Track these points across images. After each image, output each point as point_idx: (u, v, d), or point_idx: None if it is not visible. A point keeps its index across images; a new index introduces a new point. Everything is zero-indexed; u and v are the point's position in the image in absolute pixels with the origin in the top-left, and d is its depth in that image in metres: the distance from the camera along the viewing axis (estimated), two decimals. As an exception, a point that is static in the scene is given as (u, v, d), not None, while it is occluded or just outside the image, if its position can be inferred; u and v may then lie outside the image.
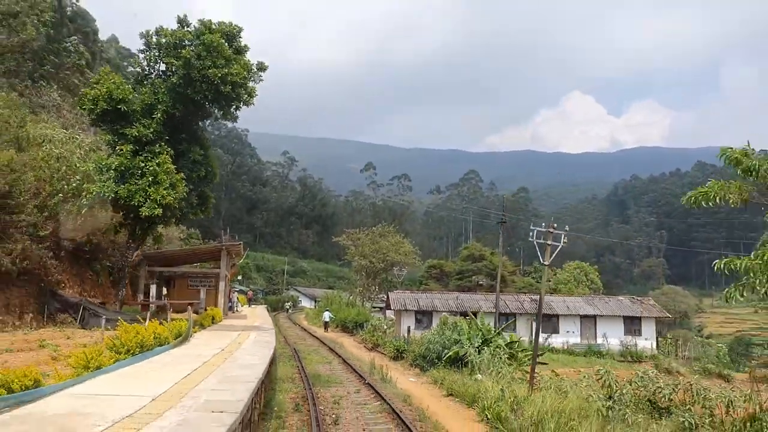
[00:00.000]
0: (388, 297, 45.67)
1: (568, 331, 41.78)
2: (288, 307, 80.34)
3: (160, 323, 16.64)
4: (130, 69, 26.15)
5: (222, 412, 7.57)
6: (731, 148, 12.97)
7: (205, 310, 25.24)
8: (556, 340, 40.30)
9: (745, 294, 10.70)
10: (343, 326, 45.70)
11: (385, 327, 39.09)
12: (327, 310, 49.31)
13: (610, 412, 14.41)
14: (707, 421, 14.19)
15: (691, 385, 16.14)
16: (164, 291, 31.88)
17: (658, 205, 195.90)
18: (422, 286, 57.47)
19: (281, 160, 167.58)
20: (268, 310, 52.73)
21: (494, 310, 38.75)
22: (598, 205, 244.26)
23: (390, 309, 45.98)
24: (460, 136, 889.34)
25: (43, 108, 30.61)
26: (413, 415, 15.25)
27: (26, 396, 7.61)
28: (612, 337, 41.20)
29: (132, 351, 12.68)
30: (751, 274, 10.41)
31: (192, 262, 36.05)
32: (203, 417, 7.29)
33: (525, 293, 47.31)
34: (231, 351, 15.76)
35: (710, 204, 12.35)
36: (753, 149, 12.60)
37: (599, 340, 41.25)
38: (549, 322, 40.98)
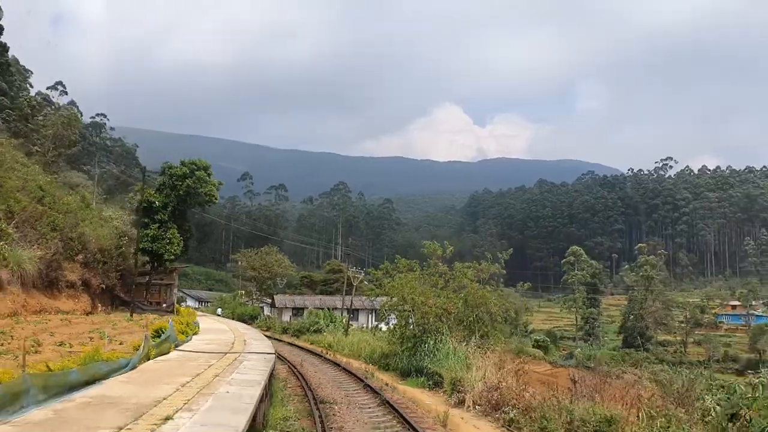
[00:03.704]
0: (272, 298, 68.30)
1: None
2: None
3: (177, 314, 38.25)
4: (158, 179, 46.73)
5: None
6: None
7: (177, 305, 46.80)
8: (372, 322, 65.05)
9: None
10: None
11: (274, 317, 61.90)
12: (219, 308, 70.86)
13: (372, 339, 38.54)
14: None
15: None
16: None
17: (502, 218, 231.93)
18: (297, 290, 79.91)
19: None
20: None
21: (345, 306, 62.52)
22: (456, 214, 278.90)
23: (273, 307, 68.67)
24: (335, 141, 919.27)
25: (76, 186, 49.18)
26: (298, 347, 38.47)
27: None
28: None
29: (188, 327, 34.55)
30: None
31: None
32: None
33: (367, 296, 71.63)
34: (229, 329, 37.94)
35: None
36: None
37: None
38: (372, 312, 65.60)
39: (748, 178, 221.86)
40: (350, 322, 51.27)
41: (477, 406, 17.84)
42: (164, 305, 45.48)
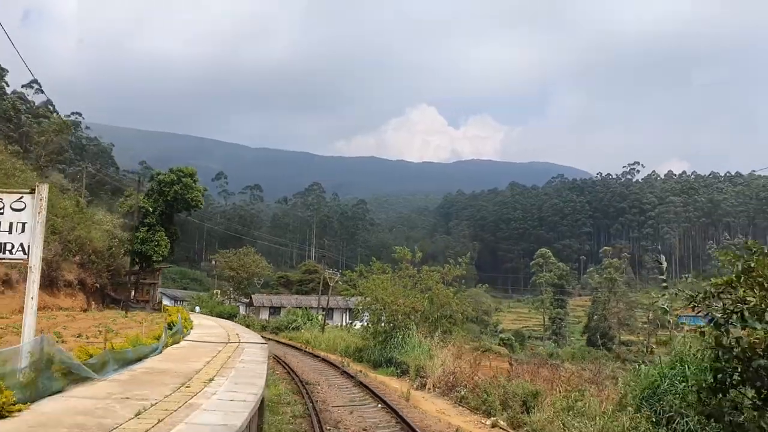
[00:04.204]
0: (250, 297, 71.51)
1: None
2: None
3: (165, 311, 41.35)
4: (148, 185, 49.73)
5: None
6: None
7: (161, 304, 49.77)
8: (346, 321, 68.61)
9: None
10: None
11: (252, 316, 65.11)
12: (197, 306, 73.88)
13: (347, 335, 42.16)
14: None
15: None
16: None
17: (475, 219, 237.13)
18: (274, 290, 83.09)
19: (138, 168, 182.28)
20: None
21: (321, 305, 65.97)
22: (429, 215, 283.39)
23: (250, 306, 71.89)
24: (308, 140, 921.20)
25: (66, 190, 51.74)
26: (279, 343, 41.87)
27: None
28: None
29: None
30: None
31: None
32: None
33: (342, 296, 75.08)
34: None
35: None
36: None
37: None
38: (346, 311, 69.15)
39: (712, 184, 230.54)
40: (326, 321, 54.83)
41: (436, 389, 21.57)
42: (151, 303, 48.47)
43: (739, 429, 7.62)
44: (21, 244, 9.19)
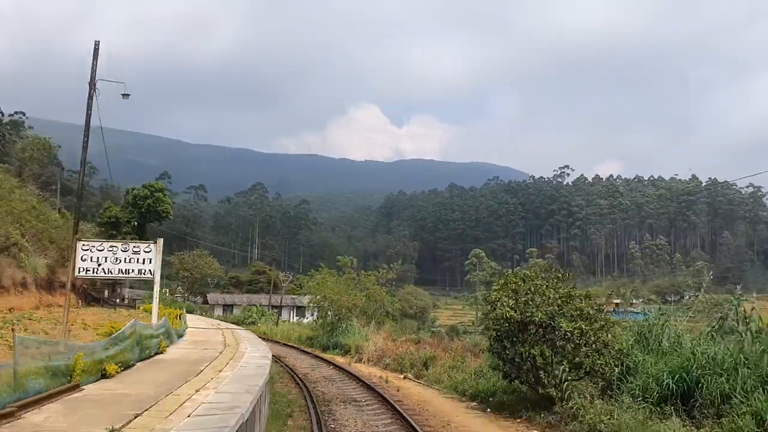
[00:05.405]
0: (205, 296, 79.30)
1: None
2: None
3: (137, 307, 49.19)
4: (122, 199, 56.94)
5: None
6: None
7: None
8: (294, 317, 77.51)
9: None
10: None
11: (209, 313, 72.94)
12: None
13: (298, 327, 51.09)
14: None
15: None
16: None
17: (415, 219, 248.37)
18: (225, 289, 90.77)
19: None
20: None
21: (270, 303, 74.41)
22: (371, 215, 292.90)
23: (205, 304, 79.67)
24: (250, 136, 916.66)
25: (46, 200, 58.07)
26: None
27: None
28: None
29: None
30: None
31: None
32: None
33: (289, 293, 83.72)
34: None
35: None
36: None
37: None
38: (293, 308, 77.99)
39: (637, 187, 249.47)
40: (278, 317, 63.51)
41: (370, 361, 30.85)
42: (126, 301, 56.01)
43: (507, 360, 17.04)
44: (149, 269, 17.93)
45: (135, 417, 8.29)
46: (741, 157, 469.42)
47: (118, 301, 56.73)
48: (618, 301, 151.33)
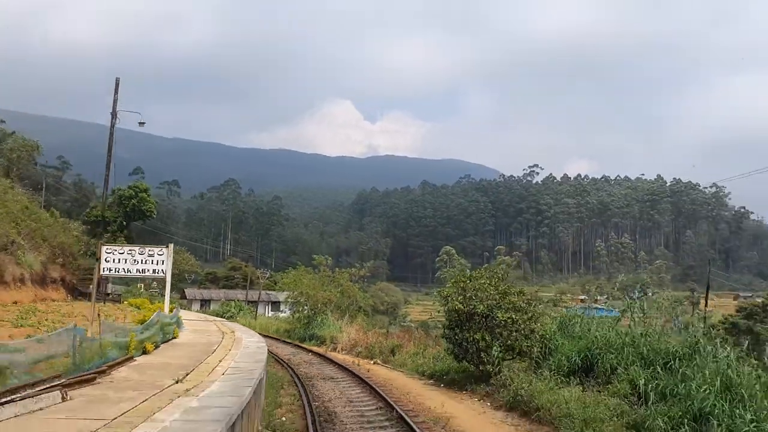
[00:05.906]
0: (183, 291, 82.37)
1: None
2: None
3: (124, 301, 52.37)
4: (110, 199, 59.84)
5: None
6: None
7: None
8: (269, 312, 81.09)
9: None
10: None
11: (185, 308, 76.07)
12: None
13: (276, 321, 54.82)
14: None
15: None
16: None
17: (387, 216, 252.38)
18: (202, 285, 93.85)
19: (56, 163, 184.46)
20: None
21: (249, 299, 77.83)
22: (344, 211, 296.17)
23: (183, 299, 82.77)
24: (222, 131, 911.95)
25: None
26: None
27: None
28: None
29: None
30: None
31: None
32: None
33: (264, 289, 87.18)
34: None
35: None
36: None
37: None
38: (269, 303, 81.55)
39: (604, 187, 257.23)
40: (256, 311, 67.07)
41: (344, 350, 34.81)
42: (111, 296, 59.06)
43: (456, 343, 21.08)
44: (162, 270, 21.61)
45: (186, 375, 12.12)
46: (712, 156, 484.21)
47: (104, 295, 59.72)
48: (583, 297, 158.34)
